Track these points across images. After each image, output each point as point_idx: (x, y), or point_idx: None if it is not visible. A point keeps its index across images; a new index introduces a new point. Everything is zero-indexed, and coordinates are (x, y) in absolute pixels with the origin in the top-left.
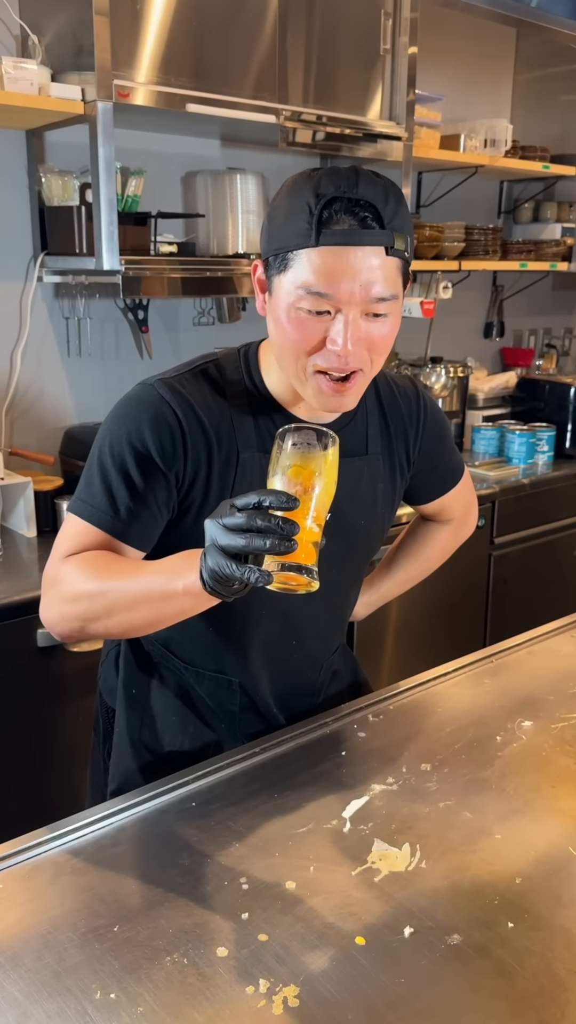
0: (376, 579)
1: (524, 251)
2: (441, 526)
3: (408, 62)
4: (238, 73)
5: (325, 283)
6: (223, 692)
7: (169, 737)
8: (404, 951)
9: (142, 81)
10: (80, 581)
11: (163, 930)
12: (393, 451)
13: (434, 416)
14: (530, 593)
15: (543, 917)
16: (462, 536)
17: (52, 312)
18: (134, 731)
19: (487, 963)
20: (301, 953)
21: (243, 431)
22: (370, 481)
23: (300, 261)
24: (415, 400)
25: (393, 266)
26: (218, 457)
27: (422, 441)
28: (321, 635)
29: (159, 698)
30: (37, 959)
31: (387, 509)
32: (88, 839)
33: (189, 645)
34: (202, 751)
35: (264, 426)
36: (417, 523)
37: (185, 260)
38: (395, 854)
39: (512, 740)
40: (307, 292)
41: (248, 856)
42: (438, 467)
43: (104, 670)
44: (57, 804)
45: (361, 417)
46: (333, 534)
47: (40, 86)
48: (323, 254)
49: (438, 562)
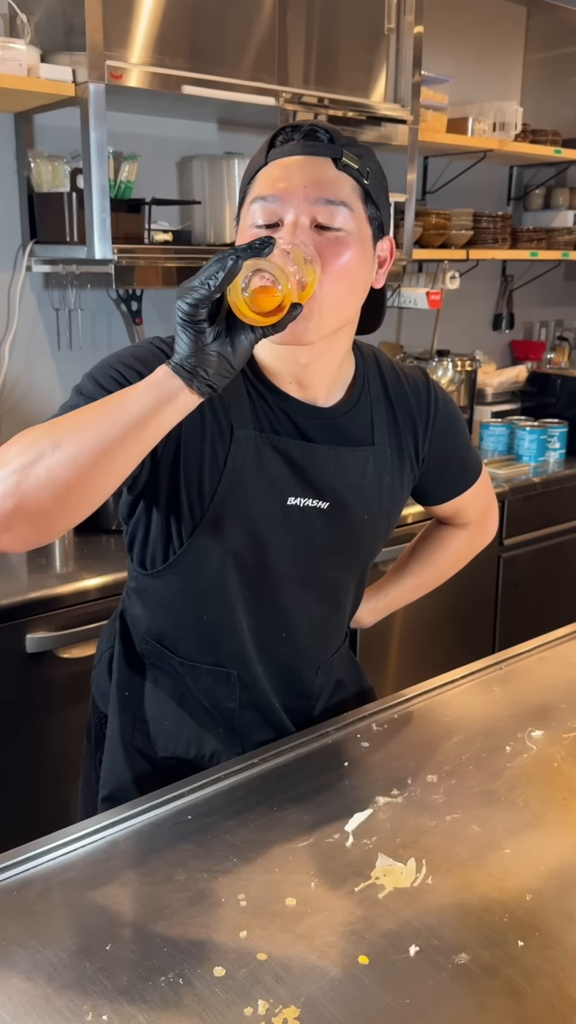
0: (385, 585)
1: (535, 239)
2: (456, 531)
3: (414, 42)
4: (236, 53)
5: (270, 187)
6: (221, 688)
7: (163, 742)
8: (409, 971)
9: (135, 62)
10: (27, 431)
11: (157, 948)
12: (402, 444)
13: (446, 409)
14: (541, 597)
15: (555, 935)
16: (479, 543)
17: (42, 303)
18: (127, 736)
19: (496, 983)
20: (302, 973)
21: (238, 408)
22: (375, 473)
23: (255, 182)
24: (425, 391)
25: (345, 182)
26: (212, 426)
27: (432, 435)
28: (315, 631)
29: (153, 701)
30: (26, 979)
31: (393, 505)
32: (79, 853)
33: (184, 638)
34: (198, 758)
35: (259, 406)
36: (432, 527)
37: (181, 249)
38: (400, 869)
39: (522, 750)
40: (257, 203)
41: (246, 871)
42: (450, 465)
43: (97, 674)
44: (47, 817)
45: (365, 403)
46: (331, 527)
47: (29, 67)
48: (272, 167)
49: (452, 569)
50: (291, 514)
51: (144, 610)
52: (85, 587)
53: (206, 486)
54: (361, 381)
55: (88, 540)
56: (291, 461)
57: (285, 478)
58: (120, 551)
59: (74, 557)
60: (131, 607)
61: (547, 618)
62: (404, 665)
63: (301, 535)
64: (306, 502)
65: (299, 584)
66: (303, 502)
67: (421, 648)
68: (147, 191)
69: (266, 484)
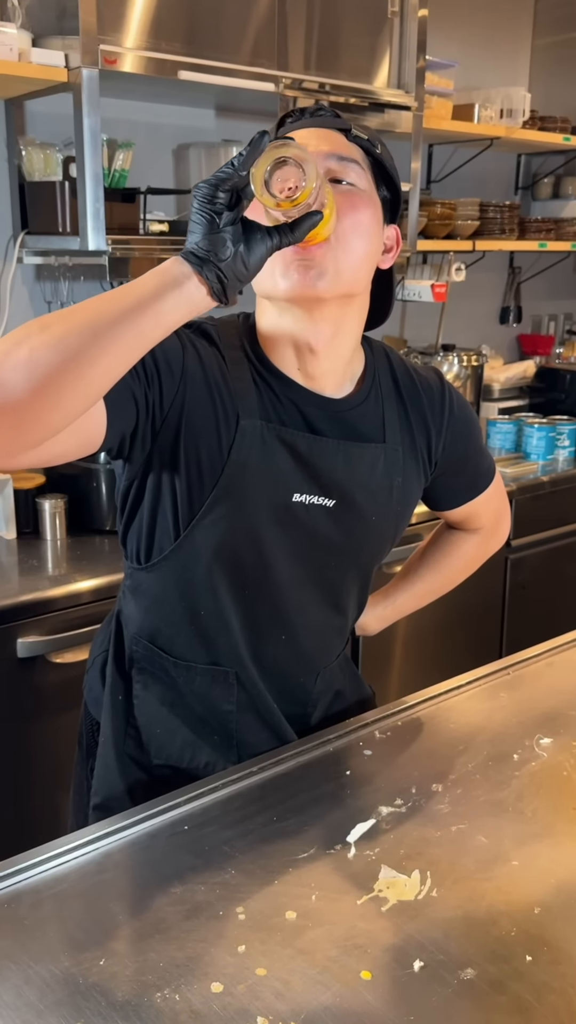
0: (392, 590)
1: (543, 230)
2: (468, 536)
3: (418, 26)
4: (234, 38)
5: None
6: (219, 688)
7: (156, 748)
8: (413, 986)
9: (130, 46)
10: None
11: (153, 964)
12: (416, 445)
13: (461, 412)
14: (550, 599)
15: (564, 950)
16: (491, 548)
17: (33, 296)
18: (120, 742)
19: (503, 999)
20: (302, 988)
21: (245, 397)
22: (386, 473)
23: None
24: (439, 393)
25: (357, 152)
26: (218, 412)
27: (447, 439)
28: (314, 633)
29: (147, 706)
30: (17, 995)
31: (403, 507)
32: (72, 865)
33: (178, 636)
34: (192, 767)
35: (266, 395)
36: (441, 531)
37: (177, 240)
38: (404, 882)
39: (531, 758)
40: None
41: (245, 884)
42: (465, 469)
43: (89, 678)
44: (38, 827)
45: (375, 398)
46: (334, 525)
47: (20, 51)
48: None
49: (463, 575)
50: (295, 511)
51: (137, 608)
52: (78, 590)
53: (206, 475)
54: (371, 376)
55: (81, 541)
56: (297, 455)
57: (291, 473)
58: (115, 553)
59: (67, 559)
60: (126, 606)
61: (556, 621)
62: (408, 670)
63: (304, 533)
64: (312, 499)
65: (299, 584)
66: (308, 499)
67: (426, 653)
68: (142, 180)
69: (270, 478)
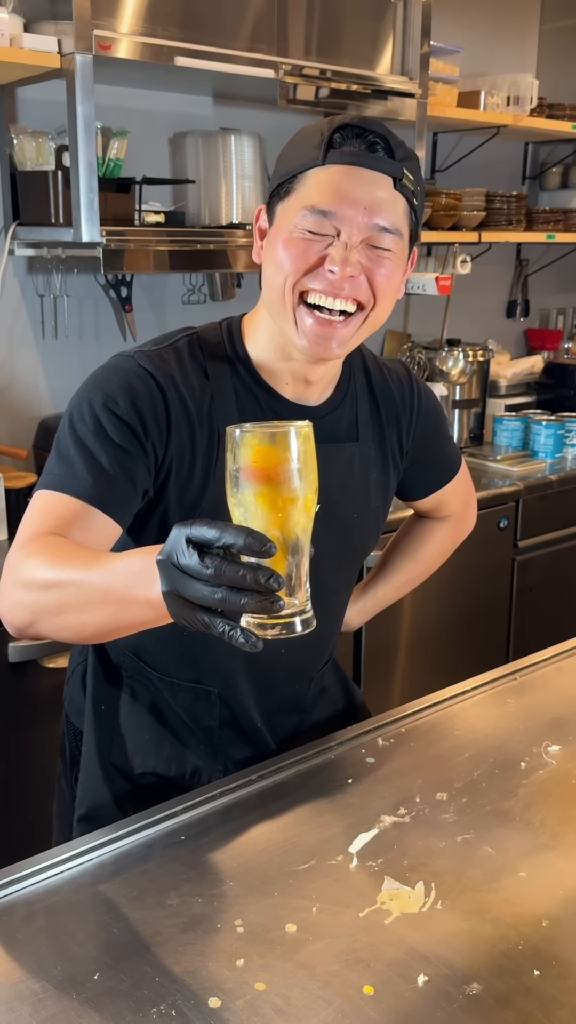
0: (371, 584)
1: (551, 221)
2: (439, 524)
3: (422, 10)
4: (233, 22)
5: (329, 201)
6: (200, 705)
7: (141, 758)
8: (418, 1002)
9: (125, 31)
10: (35, 567)
11: (149, 978)
12: (385, 439)
13: (428, 403)
14: (558, 602)
15: (573, 964)
16: (461, 534)
17: (25, 289)
18: (103, 751)
19: (510, 1015)
20: (303, 1004)
21: (225, 408)
22: (362, 470)
23: (306, 182)
24: (408, 385)
25: (400, 204)
26: (201, 438)
27: (416, 429)
28: (311, 643)
29: (130, 715)
30: (8, 1011)
31: (381, 502)
32: (65, 876)
33: (163, 653)
34: (178, 775)
35: (247, 402)
36: (412, 521)
37: (173, 231)
38: (408, 894)
39: (538, 766)
40: (310, 212)
41: (244, 896)
42: (433, 458)
43: (70, 688)
44: (31, 837)
45: (351, 400)
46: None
47: (11, 37)
48: (331, 172)
49: (437, 562)
50: None
51: None
52: None
53: (195, 494)
54: (347, 377)
55: None
56: None
57: None
58: None
59: None
60: None
61: (564, 625)
62: (412, 676)
63: None
64: None
65: None
66: None
67: (430, 658)
68: (137, 169)
69: None
